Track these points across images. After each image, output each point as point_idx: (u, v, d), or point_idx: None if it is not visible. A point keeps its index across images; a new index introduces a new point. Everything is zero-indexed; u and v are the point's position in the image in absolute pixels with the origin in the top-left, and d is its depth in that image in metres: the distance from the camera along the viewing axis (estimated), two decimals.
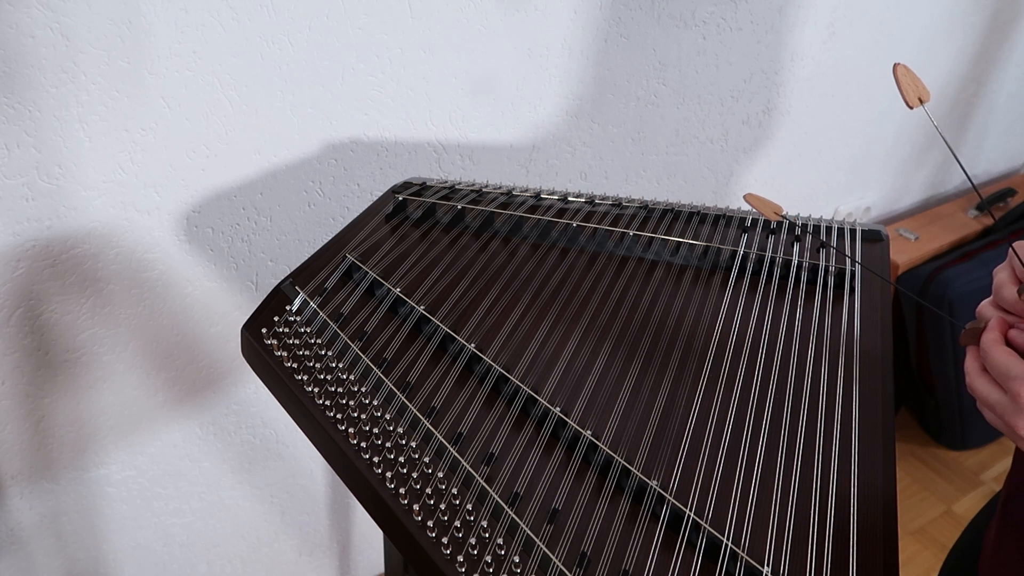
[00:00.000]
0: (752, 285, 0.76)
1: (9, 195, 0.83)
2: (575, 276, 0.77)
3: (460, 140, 1.13)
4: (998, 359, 0.50)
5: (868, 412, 0.62)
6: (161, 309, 1.00)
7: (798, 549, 0.52)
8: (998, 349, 0.50)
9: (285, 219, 1.04)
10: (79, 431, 1.01)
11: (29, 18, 0.77)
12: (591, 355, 0.68)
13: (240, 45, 0.89)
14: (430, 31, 1.02)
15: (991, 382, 0.51)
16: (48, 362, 0.94)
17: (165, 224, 0.95)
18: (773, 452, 0.58)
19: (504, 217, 0.85)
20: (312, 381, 0.66)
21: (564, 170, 1.27)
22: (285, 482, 1.25)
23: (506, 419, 0.61)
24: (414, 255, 0.80)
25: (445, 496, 0.56)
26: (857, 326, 0.70)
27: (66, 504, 1.05)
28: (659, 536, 0.53)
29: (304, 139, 1.00)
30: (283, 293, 0.75)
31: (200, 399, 1.10)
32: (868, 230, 0.85)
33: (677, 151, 1.40)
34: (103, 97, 0.84)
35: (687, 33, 1.27)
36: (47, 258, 0.89)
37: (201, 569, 1.25)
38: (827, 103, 1.56)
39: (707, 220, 0.86)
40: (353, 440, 0.61)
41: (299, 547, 1.35)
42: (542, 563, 0.51)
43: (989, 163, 2.08)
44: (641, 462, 0.58)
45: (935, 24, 1.63)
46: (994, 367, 0.50)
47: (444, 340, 0.69)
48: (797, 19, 1.39)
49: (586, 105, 1.23)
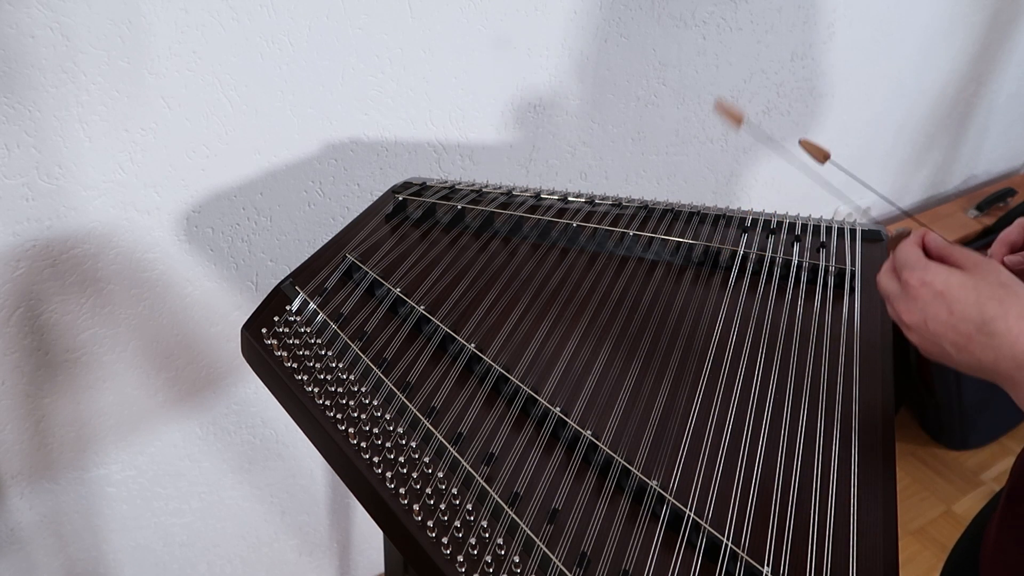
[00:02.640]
0: (752, 285, 0.76)
1: (9, 195, 0.83)
2: (575, 276, 0.77)
3: (460, 140, 1.13)
4: (901, 251, 0.55)
5: (868, 412, 0.62)
6: (161, 309, 1.00)
7: (798, 549, 0.52)
8: (906, 244, 0.55)
9: (285, 219, 1.04)
10: (79, 431, 1.01)
11: (29, 18, 0.77)
12: (591, 355, 0.68)
13: (240, 45, 0.89)
14: (430, 31, 1.02)
15: (891, 273, 0.55)
16: (48, 362, 0.94)
17: (165, 224, 0.95)
18: (773, 452, 0.58)
19: (504, 217, 0.85)
20: (312, 381, 0.66)
21: (564, 170, 1.27)
22: (285, 482, 1.25)
23: (506, 419, 0.61)
24: (414, 255, 0.80)
25: (445, 496, 0.56)
26: (857, 326, 0.70)
27: (66, 504, 1.05)
28: (659, 536, 0.53)
29: (304, 139, 1.00)
30: (283, 293, 0.75)
31: (200, 399, 1.10)
32: (868, 230, 0.85)
33: (677, 151, 1.40)
34: (103, 97, 0.84)
35: (687, 33, 1.27)
36: (47, 258, 0.89)
37: (201, 569, 1.25)
38: (827, 103, 1.56)
39: (707, 220, 0.86)
40: (353, 440, 0.61)
41: (299, 547, 1.35)
42: (542, 563, 0.51)
43: (989, 163, 2.08)
44: (641, 462, 0.58)
45: (935, 24, 1.63)
46: (896, 259, 0.55)
47: (444, 340, 0.69)
48: (797, 19, 1.39)
49: (586, 105, 1.23)
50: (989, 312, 0.49)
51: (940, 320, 0.51)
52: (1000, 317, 0.49)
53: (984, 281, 0.51)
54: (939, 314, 0.51)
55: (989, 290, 0.50)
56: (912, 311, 0.52)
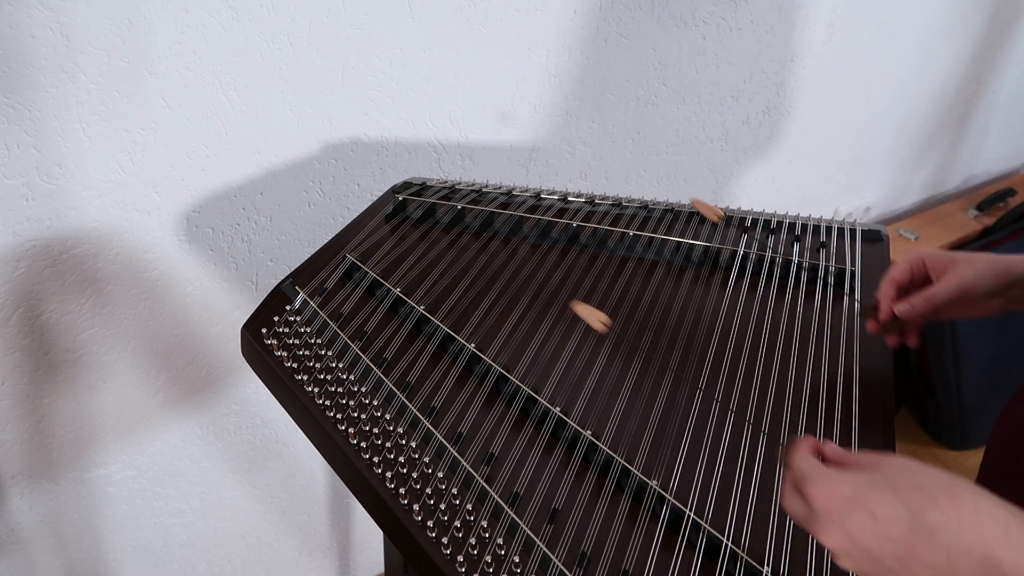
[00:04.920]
0: (752, 285, 0.76)
1: (9, 195, 0.83)
2: (575, 276, 0.77)
3: (460, 140, 1.13)
4: (796, 464, 0.46)
5: (868, 412, 0.62)
6: (161, 309, 1.00)
7: (798, 549, 0.52)
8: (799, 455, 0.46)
9: (285, 219, 1.04)
10: (79, 431, 1.01)
11: (29, 18, 0.77)
12: (591, 355, 0.68)
13: (240, 45, 0.89)
14: (430, 31, 1.02)
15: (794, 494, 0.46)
16: (48, 362, 0.94)
17: (165, 224, 0.95)
18: (773, 452, 0.58)
19: (504, 217, 0.84)
20: (312, 381, 0.66)
21: (564, 170, 1.27)
22: (285, 482, 1.25)
23: (506, 419, 0.61)
24: (414, 255, 0.80)
25: (445, 496, 0.56)
26: (857, 326, 0.70)
27: (66, 504, 1.05)
28: (659, 536, 0.53)
29: (304, 139, 1.00)
30: (283, 293, 0.75)
31: (200, 399, 1.10)
32: (868, 230, 0.85)
33: (677, 151, 1.40)
34: (103, 97, 0.84)
35: (687, 33, 1.27)
36: (47, 258, 0.89)
37: (201, 569, 1.25)
38: (827, 103, 1.56)
39: (707, 220, 0.86)
40: (353, 440, 0.61)
41: (299, 547, 1.35)
42: (542, 563, 0.51)
43: (989, 163, 2.08)
44: (641, 462, 0.58)
45: (935, 24, 1.63)
46: (794, 475, 0.46)
47: (444, 340, 0.69)
48: (797, 19, 1.39)
49: (586, 105, 1.23)
50: (915, 504, 0.41)
51: (866, 531, 0.41)
52: (929, 505, 0.40)
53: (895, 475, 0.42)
54: (862, 524, 0.42)
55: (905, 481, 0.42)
56: (831, 531, 0.43)
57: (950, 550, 0.39)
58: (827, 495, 0.43)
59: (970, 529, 0.39)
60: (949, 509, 0.40)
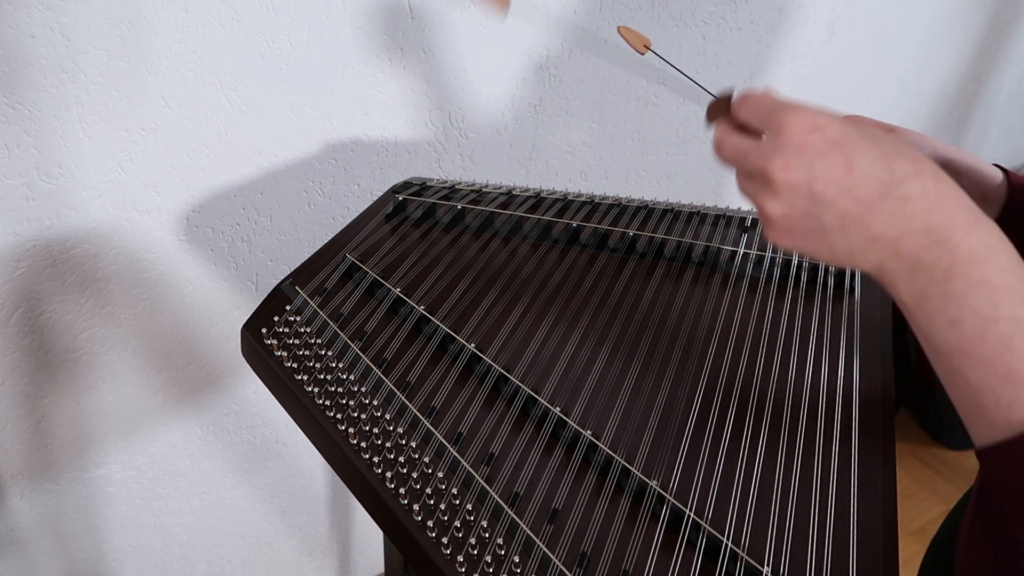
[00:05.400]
0: (752, 285, 0.76)
1: (9, 195, 0.83)
2: (575, 276, 0.77)
3: (460, 140, 1.13)
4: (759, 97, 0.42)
5: (868, 412, 0.62)
6: (161, 309, 1.00)
7: (798, 549, 0.52)
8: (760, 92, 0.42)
9: (285, 219, 1.04)
10: (79, 431, 1.01)
11: (29, 18, 0.77)
12: (591, 355, 0.68)
13: (240, 45, 0.89)
14: (430, 31, 1.02)
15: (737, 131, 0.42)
16: (48, 362, 0.94)
17: (165, 224, 0.95)
18: (773, 452, 0.58)
19: (504, 217, 0.84)
20: (312, 381, 0.66)
21: (564, 170, 1.27)
22: (285, 482, 1.25)
23: (506, 419, 0.61)
24: (414, 255, 0.80)
25: (445, 496, 0.56)
26: (857, 326, 0.70)
27: (66, 504, 1.05)
28: (659, 536, 0.53)
29: (304, 139, 1.00)
30: (283, 293, 0.75)
31: (200, 399, 1.10)
32: None
33: (677, 151, 1.40)
34: (103, 97, 0.84)
35: (687, 33, 1.27)
36: (47, 258, 0.89)
37: (201, 569, 1.25)
38: (827, 103, 1.56)
39: (707, 220, 0.86)
40: (353, 440, 0.61)
41: (299, 547, 1.35)
42: (542, 563, 0.51)
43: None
44: (641, 462, 0.58)
45: (935, 24, 1.63)
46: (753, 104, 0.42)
47: (444, 340, 0.69)
48: (797, 19, 1.39)
49: (586, 105, 1.23)
50: (898, 170, 0.37)
51: (833, 179, 0.37)
52: (914, 176, 0.37)
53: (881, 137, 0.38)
54: (833, 171, 0.37)
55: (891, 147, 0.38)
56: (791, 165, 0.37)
57: (910, 223, 0.37)
58: (810, 127, 0.38)
59: (943, 210, 0.37)
60: (931, 185, 0.37)
